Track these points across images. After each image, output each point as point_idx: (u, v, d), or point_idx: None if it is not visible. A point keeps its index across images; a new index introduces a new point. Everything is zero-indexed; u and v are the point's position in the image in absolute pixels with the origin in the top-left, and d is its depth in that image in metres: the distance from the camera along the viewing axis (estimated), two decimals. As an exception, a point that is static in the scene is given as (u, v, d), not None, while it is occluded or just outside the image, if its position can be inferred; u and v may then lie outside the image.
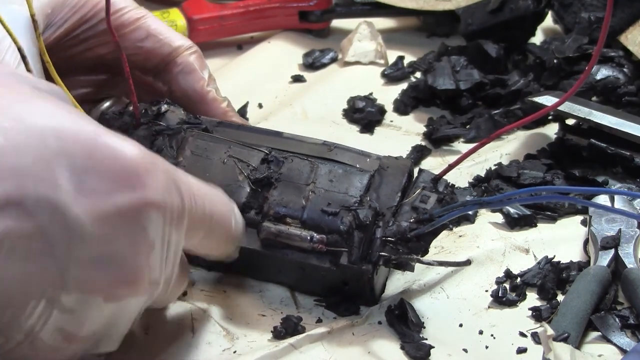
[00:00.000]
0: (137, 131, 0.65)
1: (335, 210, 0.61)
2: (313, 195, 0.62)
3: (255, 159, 0.64)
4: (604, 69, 0.84)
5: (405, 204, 0.62)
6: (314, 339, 0.60)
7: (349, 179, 0.63)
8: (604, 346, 0.60)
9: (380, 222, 0.61)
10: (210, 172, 0.63)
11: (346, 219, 0.60)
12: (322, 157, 0.64)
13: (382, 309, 0.62)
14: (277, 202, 0.62)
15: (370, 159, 0.64)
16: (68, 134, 0.46)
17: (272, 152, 0.64)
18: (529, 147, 0.79)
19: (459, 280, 0.66)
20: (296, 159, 0.64)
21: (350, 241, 0.60)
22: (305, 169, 0.63)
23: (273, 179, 0.63)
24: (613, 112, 0.77)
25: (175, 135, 0.65)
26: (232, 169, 0.63)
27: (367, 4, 0.97)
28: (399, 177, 0.63)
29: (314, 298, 0.64)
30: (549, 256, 0.67)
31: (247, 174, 0.63)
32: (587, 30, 0.89)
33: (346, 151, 0.65)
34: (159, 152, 0.64)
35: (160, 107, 0.67)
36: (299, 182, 0.62)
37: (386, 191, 0.63)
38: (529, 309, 0.63)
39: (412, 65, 0.90)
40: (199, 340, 0.60)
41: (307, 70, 0.91)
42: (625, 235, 0.66)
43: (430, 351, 0.59)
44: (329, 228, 0.60)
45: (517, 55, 0.89)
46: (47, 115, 0.46)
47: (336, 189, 0.62)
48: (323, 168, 0.63)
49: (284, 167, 0.63)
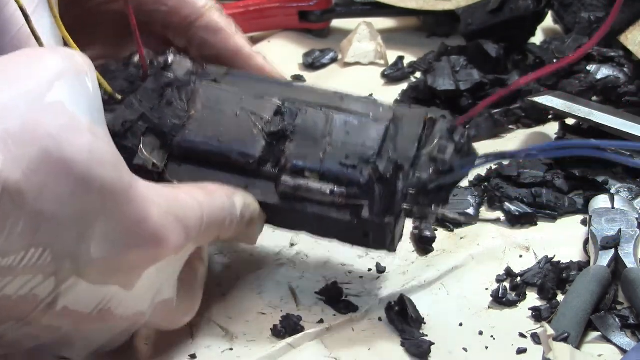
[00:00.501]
0: (145, 83, 0.63)
1: (354, 162, 0.60)
2: (330, 147, 0.60)
3: (268, 110, 0.62)
4: (604, 69, 0.84)
5: (423, 154, 0.60)
6: (313, 337, 0.60)
7: (365, 129, 0.61)
8: (604, 346, 0.60)
9: (400, 174, 0.59)
10: (223, 125, 0.61)
11: (366, 171, 0.59)
12: (335, 106, 0.63)
13: (382, 304, 0.62)
14: (294, 155, 0.60)
15: (383, 108, 0.63)
16: (105, 182, 0.47)
17: (285, 104, 0.62)
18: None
19: (459, 277, 0.66)
20: (310, 110, 0.62)
21: (371, 194, 0.59)
22: (320, 120, 0.62)
23: (288, 132, 0.61)
24: (613, 112, 0.77)
25: (184, 87, 0.63)
26: (245, 121, 0.62)
27: (367, 4, 0.97)
28: (414, 127, 0.62)
29: (315, 292, 0.64)
30: (549, 255, 0.67)
31: (262, 127, 0.61)
32: (587, 30, 0.89)
33: (358, 100, 0.63)
34: (169, 105, 0.62)
35: (167, 58, 0.65)
36: (315, 134, 0.61)
37: (403, 141, 0.61)
38: (529, 309, 0.63)
39: (412, 65, 0.90)
40: (198, 345, 0.60)
41: (307, 70, 0.91)
42: (625, 235, 0.66)
43: (430, 348, 0.59)
44: (348, 181, 0.59)
45: (517, 55, 0.89)
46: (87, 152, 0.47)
47: (353, 141, 0.60)
48: (338, 119, 0.62)
49: (298, 119, 0.62)
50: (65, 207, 0.45)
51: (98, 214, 0.47)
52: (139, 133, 0.61)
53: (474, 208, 0.72)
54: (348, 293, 0.65)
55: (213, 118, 0.62)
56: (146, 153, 0.61)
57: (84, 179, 0.46)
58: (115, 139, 0.58)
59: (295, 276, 0.66)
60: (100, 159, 0.47)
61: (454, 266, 0.66)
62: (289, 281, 0.66)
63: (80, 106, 0.47)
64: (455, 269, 0.66)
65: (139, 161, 0.60)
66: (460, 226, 0.71)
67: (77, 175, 0.46)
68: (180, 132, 0.61)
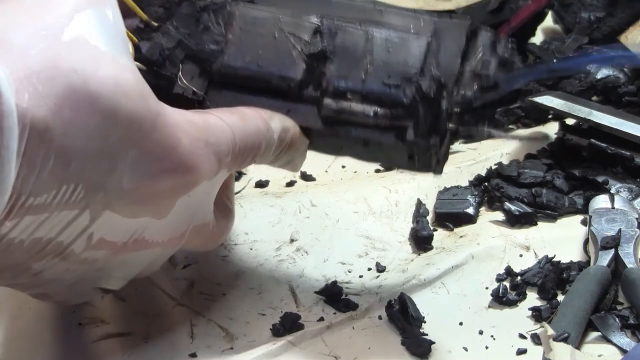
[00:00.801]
0: (180, 8, 0.61)
1: (396, 82, 0.58)
2: (371, 67, 0.59)
3: (307, 31, 0.60)
4: (604, 69, 0.84)
5: (467, 70, 0.59)
6: (314, 334, 0.60)
7: (407, 46, 0.59)
8: (604, 346, 0.60)
9: (444, 92, 0.57)
10: (262, 48, 0.60)
11: (409, 91, 0.57)
12: (374, 20, 0.61)
13: (382, 302, 0.62)
14: (336, 77, 0.59)
15: (424, 20, 0.60)
16: (132, 113, 0.47)
17: (323, 23, 0.60)
18: (529, 147, 0.79)
19: (459, 275, 0.66)
20: (349, 28, 0.60)
21: (415, 115, 0.57)
22: (360, 39, 0.60)
23: (328, 52, 0.59)
24: (613, 112, 0.77)
25: (220, 9, 0.61)
26: (284, 43, 0.60)
27: (367, 3, 0.96)
28: (457, 40, 0.59)
29: (315, 291, 0.64)
30: (549, 255, 0.67)
31: (301, 48, 0.60)
32: (587, 30, 0.89)
33: (398, 12, 0.61)
34: (206, 30, 0.60)
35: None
36: (356, 53, 0.59)
37: (445, 56, 0.59)
38: (529, 309, 0.63)
39: (412, 65, 0.90)
40: (199, 345, 0.60)
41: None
42: (625, 235, 0.66)
43: (430, 347, 0.59)
44: (391, 101, 0.58)
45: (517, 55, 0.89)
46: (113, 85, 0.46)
47: (394, 59, 0.59)
48: (378, 37, 0.60)
49: (337, 39, 0.60)
50: (94, 140, 0.46)
51: (127, 145, 0.47)
52: (177, 61, 0.60)
53: (473, 208, 0.72)
54: (348, 292, 0.65)
55: (251, 41, 0.60)
56: (186, 81, 0.59)
57: (111, 111, 0.46)
58: (154, 68, 0.58)
59: (295, 275, 0.66)
60: (126, 90, 0.47)
61: (454, 265, 0.66)
62: (288, 280, 0.66)
63: (102, 37, 0.47)
64: (455, 267, 0.66)
65: (178, 90, 0.59)
66: (460, 225, 0.71)
67: (103, 108, 0.46)
68: (219, 58, 0.60)
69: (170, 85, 0.59)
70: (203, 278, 0.66)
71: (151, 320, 0.62)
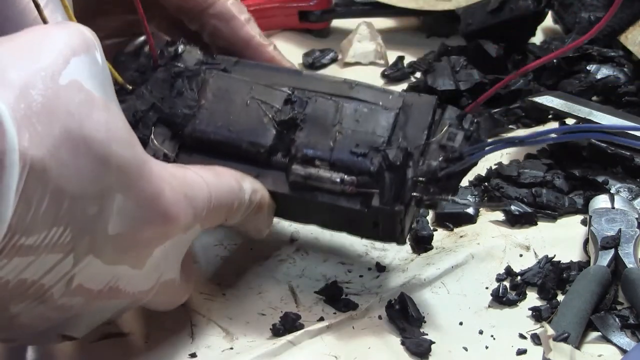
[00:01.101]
0: (155, 73, 0.64)
1: (364, 151, 0.60)
2: (340, 135, 0.61)
3: (278, 99, 0.62)
4: (604, 69, 0.84)
5: (433, 142, 0.61)
6: (313, 334, 0.60)
7: (375, 118, 0.61)
8: (604, 346, 0.60)
9: (410, 162, 0.59)
10: (233, 114, 0.62)
11: (376, 159, 0.59)
12: (344, 95, 0.63)
13: (382, 302, 0.62)
14: (305, 144, 0.61)
15: (392, 96, 0.63)
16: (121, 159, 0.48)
17: (295, 92, 0.63)
18: (529, 147, 0.79)
19: (460, 275, 0.66)
20: (320, 98, 0.63)
21: (381, 182, 0.59)
22: (330, 109, 0.62)
23: (298, 120, 0.62)
24: (613, 112, 0.77)
25: (194, 76, 0.63)
26: (255, 110, 0.62)
27: (367, 4, 0.97)
28: (424, 115, 0.62)
29: (314, 291, 0.64)
30: (549, 255, 0.66)
31: (272, 115, 0.62)
32: (587, 30, 0.88)
33: (368, 88, 0.64)
34: (180, 95, 0.63)
35: (177, 47, 0.65)
36: (325, 122, 0.61)
37: (412, 129, 0.61)
38: (529, 308, 0.63)
39: (412, 65, 0.90)
40: (199, 345, 0.60)
41: (308, 70, 0.91)
42: (625, 235, 0.66)
43: (431, 347, 0.59)
44: (358, 169, 0.60)
45: (517, 55, 0.89)
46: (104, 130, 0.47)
47: (363, 129, 0.61)
48: (348, 107, 0.62)
49: (308, 108, 0.62)
50: (86, 183, 0.46)
51: (115, 190, 0.48)
52: (150, 123, 0.62)
53: (473, 207, 0.72)
54: (348, 291, 0.65)
55: (223, 107, 0.62)
56: (157, 143, 0.61)
57: (103, 155, 0.47)
58: None
59: (295, 275, 0.66)
60: (116, 136, 0.47)
61: (454, 265, 0.66)
62: (288, 280, 0.66)
63: (95, 82, 0.48)
64: (455, 267, 0.66)
65: (150, 151, 0.60)
66: (460, 225, 0.71)
67: (96, 152, 0.46)
68: (191, 122, 0.62)
69: (143, 146, 0.60)
70: (203, 278, 0.66)
71: (151, 320, 0.62)
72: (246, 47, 0.69)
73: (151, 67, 0.64)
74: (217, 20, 0.69)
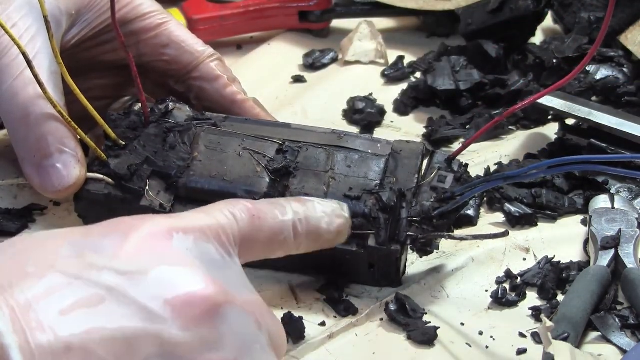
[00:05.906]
0: (147, 129, 0.66)
1: (357, 194, 0.62)
2: (333, 181, 0.63)
3: (270, 150, 0.65)
4: (604, 69, 0.84)
5: (424, 184, 0.63)
6: (317, 346, 0.60)
7: (366, 163, 0.64)
8: (604, 346, 0.60)
9: (404, 203, 0.62)
10: (227, 164, 0.64)
11: (369, 202, 0.61)
12: (334, 145, 0.65)
13: (383, 307, 0.63)
14: (299, 190, 0.62)
15: (381, 144, 0.65)
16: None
17: (286, 143, 0.65)
18: (529, 147, 0.79)
19: (459, 279, 0.66)
20: (311, 147, 0.65)
21: (377, 223, 0.61)
22: (322, 156, 0.64)
23: (291, 168, 0.64)
24: (613, 112, 0.77)
25: (186, 131, 0.66)
26: (248, 161, 0.64)
27: (367, 4, 0.97)
28: (413, 160, 0.64)
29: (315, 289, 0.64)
30: (549, 256, 0.67)
31: (265, 164, 0.64)
32: (587, 30, 0.89)
33: (356, 138, 0.66)
34: (172, 149, 0.65)
35: (167, 105, 0.68)
36: (317, 169, 0.64)
37: (403, 174, 0.64)
38: (529, 308, 0.63)
39: (412, 65, 0.90)
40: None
41: (308, 70, 0.91)
42: (625, 235, 0.66)
43: (437, 332, 0.60)
44: (353, 212, 0.61)
45: (517, 55, 0.89)
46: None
47: (355, 174, 0.63)
48: (339, 155, 0.64)
49: (300, 156, 0.64)
50: None
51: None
52: (144, 176, 0.64)
53: (473, 209, 0.72)
54: (349, 293, 0.65)
55: (216, 159, 0.64)
56: (152, 195, 0.63)
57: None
58: (122, 181, 0.63)
59: (295, 274, 0.66)
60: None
61: (454, 268, 0.66)
62: (289, 279, 0.66)
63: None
64: (455, 270, 0.66)
65: (145, 203, 0.63)
66: (460, 227, 0.71)
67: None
68: (185, 174, 0.64)
69: (138, 198, 0.63)
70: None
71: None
72: (232, 105, 0.71)
73: (142, 123, 0.66)
74: (202, 81, 0.72)
